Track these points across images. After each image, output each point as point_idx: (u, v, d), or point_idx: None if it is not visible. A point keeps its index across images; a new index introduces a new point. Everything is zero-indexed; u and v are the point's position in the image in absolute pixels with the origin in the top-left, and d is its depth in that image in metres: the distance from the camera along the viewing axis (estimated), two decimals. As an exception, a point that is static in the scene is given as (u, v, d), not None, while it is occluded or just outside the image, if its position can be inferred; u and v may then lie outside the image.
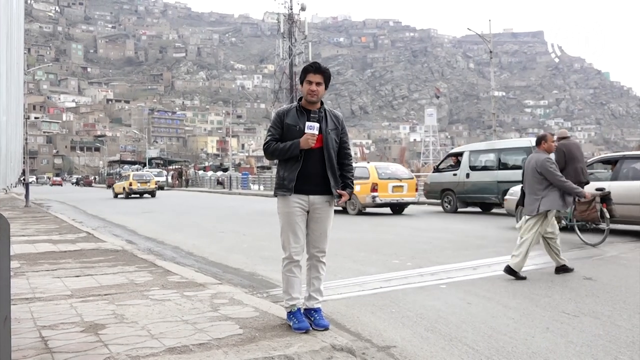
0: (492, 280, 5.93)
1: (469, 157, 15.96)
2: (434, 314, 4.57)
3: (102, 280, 5.86)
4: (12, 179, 3.03)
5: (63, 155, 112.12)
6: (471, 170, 15.71)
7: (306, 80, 3.86)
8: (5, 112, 2.32)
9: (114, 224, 14.64)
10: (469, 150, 16.50)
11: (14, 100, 2.81)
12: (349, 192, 3.96)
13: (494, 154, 15.34)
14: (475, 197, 15.71)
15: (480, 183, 15.29)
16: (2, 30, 2.17)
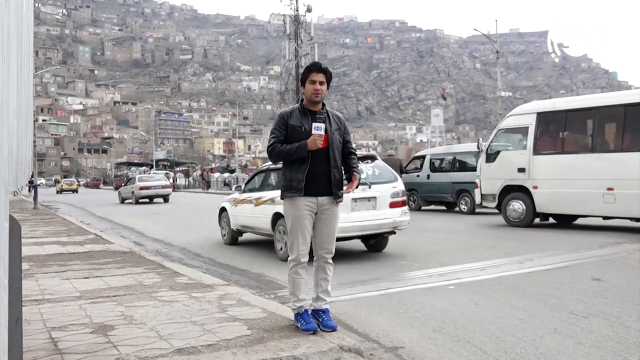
0: (500, 281, 5.91)
1: (430, 159, 17.28)
2: (441, 315, 4.57)
3: (110, 281, 5.89)
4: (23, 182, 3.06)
5: (71, 157, 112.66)
6: (431, 172, 17.02)
7: (309, 80, 3.86)
8: (16, 115, 2.34)
9: (122, 226, 14.70)
10: (430, 153, 18.08)
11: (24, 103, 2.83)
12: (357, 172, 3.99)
13: (451, 157, 16.81)
14: (434, 196, 17.12)
15: (438, 184, 16.69)
16: (13, 34, 2.19)
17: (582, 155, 10.89)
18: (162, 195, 26.99)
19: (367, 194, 7.76)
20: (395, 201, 8.09)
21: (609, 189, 10.02)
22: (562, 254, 7.73)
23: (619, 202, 9.94)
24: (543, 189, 11.20)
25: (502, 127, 12.78)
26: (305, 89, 3.90)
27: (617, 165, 10.09)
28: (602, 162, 10.47)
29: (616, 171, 10.03)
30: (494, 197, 12.26)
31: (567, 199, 10.85)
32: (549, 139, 11.68)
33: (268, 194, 8.49)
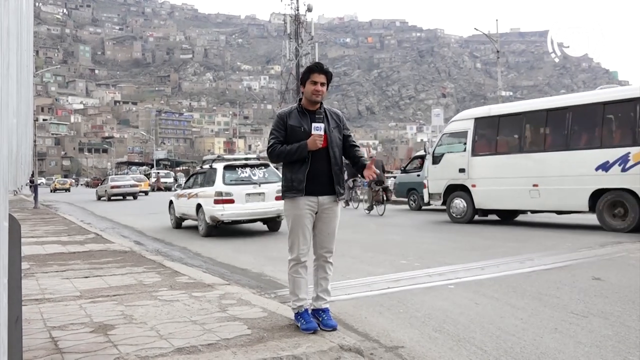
0: (500, 281, 5.91)
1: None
2: (442, 315, 4.57)
3: (110, 281, 5.89)
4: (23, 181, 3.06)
5: (71, 157, 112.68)
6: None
7: (310, 80, 3.86)
8: (16, 114, 2.34)
9: (122, 225, 14.71)
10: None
11: (24, 102, 2.83)
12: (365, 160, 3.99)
13: None
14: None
15: None
16: (13, 33, 2.19)
17: (512, 155, 12.05)
18: (131, 193, 31.01)
19: (257, 191, 11.36)
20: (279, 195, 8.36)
21: (534, 186, 11.21)
22: (563, 254, 7.73)
23: (542, 197, 11.16)
24: (480, 187, 12.31)
25: (446, 132, 14.00)
26: (305, 88, 3.90)
27: (541, 164, 11.28)
28: (528, 161, 11.66)
29: (540, 169, 11.21)
30: (439, 196, 13.42)
31: (500, 196, 12.04)
32: (485, 141, 12.80)
33: (194, 190, 12.37)
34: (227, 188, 11.30)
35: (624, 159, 9.94)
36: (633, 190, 9.84)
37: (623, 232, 9.85)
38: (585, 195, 10.48)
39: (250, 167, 11.91)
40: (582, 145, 10.92)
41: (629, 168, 9.89)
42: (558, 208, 11.50)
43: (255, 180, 11.55)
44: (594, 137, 10.86)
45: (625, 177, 9.94)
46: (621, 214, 10.09)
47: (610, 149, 10.21)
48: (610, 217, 10.25)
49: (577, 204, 10.77)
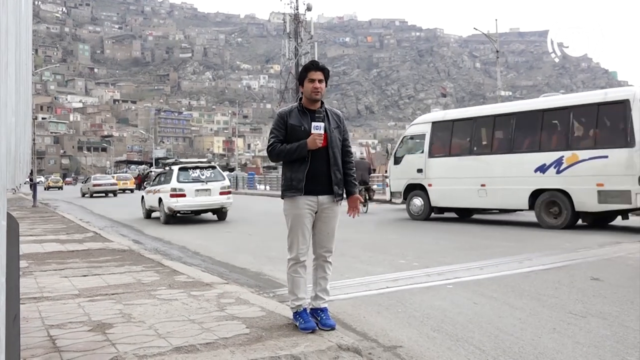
0: (498, 281, 5.91)
1: None
2: (440, 314, 4.57)
3: (109, 279, 5.89)
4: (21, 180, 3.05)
5: (70, 155, 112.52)
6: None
7: (308, 78, 3.86)
8: (15, 113, 2.34)
9: (121, 224, 14.71)
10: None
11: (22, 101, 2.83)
12: (356, 192, 4.02)
13: None
14: None
15: None
16: (11, 31, 2.19)
17: (463, 157, 13.00)
18: (110, 191, 34.61)
19: (205, 187, 14.38)
20: (223, 191, 14.64)
21: (482, 186, 12.17)
22: (561, 254, 7.74)
23: (489, 196, 12.13)
24: (435, 186, 13.22)
25: (406, 134, 14.88)
26: (304, 87, 3.90)
27: (488, 166, 12.24)
28: (477, 163, 12.59)
29: (487, 171, 12.18)
30: (400, 194, 14.31)
31: (452, 195, 13.02)
32: (440, 144, 13.65)
33: (157, 187, 15.25)
34: (180, 185, 14.18)
35: (559, 161, 10.90)
36: (566, 191, 10.75)
37: (558, 229, 10.70)
38: (525, 195, 11.39)
39: (200, 168, 14.87)
40: (523, 149, 11.79)
41: (562, 170, 10.85)
42: (502, 206, 12.55)
43: (203, 179, 14.56)
44: (534, 142, 11.70)
45: (559, 178, 10.89)
46: (556, 213, 10.96)
47: (547, 153, 11.16)
48: (547, 215, 11.13)
49: (519, 202, 11.69)
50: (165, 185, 14.61)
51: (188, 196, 14.11)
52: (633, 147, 9.88)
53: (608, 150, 10.31)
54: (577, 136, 11.15)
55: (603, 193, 10.25)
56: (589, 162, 10.51)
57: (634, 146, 9.87)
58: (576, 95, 12.96)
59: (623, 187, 9.97)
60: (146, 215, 16.37)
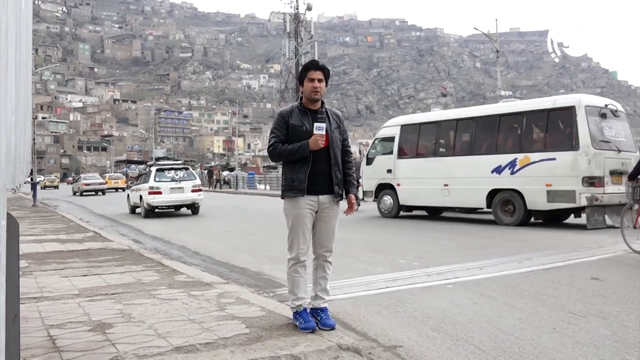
0: (498, 280, 5.91)
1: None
2: (440, 314, 4.57)
3: (109, 279, 5.89)
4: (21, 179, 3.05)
5: (70, 155, 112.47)
6: None
7: (308, 78, 3.85)
8: (15, 112, 2.33)
9: (121, 224, 14.72)
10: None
11: (22, 100, 2.82)
12: (354, 190, 4.01)
13: None
14: None
15: None
16: (11, 31, 2.18)
17: (428, 158, 13.84)
18: (99, 190, 37.28)
19: (178, 186, 16.76)
20: (194, 189, 17.09)
21: (445, 185, 12.95)
22: (561, 254, 7.73)
23: (451, 195, 12.93)
24: (404, 186, 13.93)
25: (378, 136, 15.78)
26: (304, 87, 3.89)
27: (450, 167, 13.03)
28: (441, 164, 13.40)
29: (450, 171, 12.94)
30: (372, 193, 15.06)
31: (419, 194, 13.80)
32: (408, 146, 14.40)
33: (139, 186, 17.47)
34: (156, 184, 16.52)
35: (512, 163, 11.70)
36: (519, 190, 11.53)
37: (512, 225, 11.51)
38: (483, 194, 12.18)
39: (174, 169, 17.40)
40: (482, 151, 12.60)
41: (516, 171, 11.64)
42: (464, 205, 13.32)
43: (177, 178, 17.00)
44: (491, 144, 12.56)
45: (513, 179, 11.68)
46: (511, 211, 11.77)
47: (502, 155, 11.95)
48: (502, 213, 11.94)
49: (478, 201, 12.50)
50: (145, 184, 16.84)
51: (164, 193, 16.51)
52: (577, 150, 10.70)
53: (556, 153, 11.11)
54: (529, 139, 11.84)
55: (551, 193, 11.05)
56: (539, 164, 11.28)
57: (579, 149, 10.68)
58: (529, 102, 13.69)
59: (569, 188, 10.78)
60: (131, 210, 18.23)
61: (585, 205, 10.70)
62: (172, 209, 17.50)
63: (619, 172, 10.91)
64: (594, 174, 10.67)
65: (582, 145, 10.68)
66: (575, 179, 10.71)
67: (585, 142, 10.70)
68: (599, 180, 10.75)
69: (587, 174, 10.65)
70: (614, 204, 10.81)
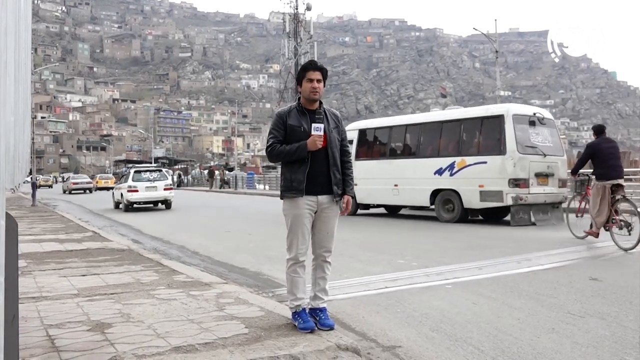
0: (497, 281, 5.92)
1: None
2: (439, 314, 4.57)
3: (108, 279, 5.89)
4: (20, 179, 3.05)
5: (69, 154, 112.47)
6: None
7: (307, 78, 3.85)
8: (13, 112, 2.33)
9: (120, 223, 14.71)
10: None
11: (21, 100, 2.82)
12: (350, 190, 4.00)
13: None
14: None
15: None
16: (10, 31, 2.18)
17: (381, 161, 14.88)
18: (86, 188, 40.93)
19: (152, 185, 19.58)
20: (166, 188, 19.99)
21: (395, 185, 13.96)
22: (560, 254, 7.74)
23: (401, 194, 14.02)
24: (361, 186, 13.86)
25: None
26: (302, 87, 3.90)
27: (400, 169, 14.04)
28: (392, 166, 14.38)
29: (399, 173, 13.93)
30: None
31: (373, 193, 14.79)
32: (364, 148, 15.33)
33: (121, 185, 20.59)
34: (134, 183, 19.50)
35: (452, 166, 12.81)
36: (457, 190, 12.63)
37: (451, 222, 12.56)
38: (427, 194, 13.28)
39: (150, 171, 20.85)
40: (426, 155, 13.72)
41: (455, 173, 12.75)
42: (411, 203, 14.61)
43: (152, 179, 20.01)
44: (434, 148, 13.70)
45: (452, 180, 12.77)
46: (451, 209, 12.85)
47: (443, 158, 13.04)
48: (443, 211, 13.00)
49: (423, 200, 13.58)
50: (125, 183, 19.97)
51: (140, 191, 19.37)
52: (505, 155, 11.78)
53: (487, 157, 12.23)
54: (466, 144, 13.07)
55: (483, 193, 12.16)
56: (474, 167, 12.41)
57: (506, 154, 11.76)
58: (466, 110, 15.22)
59: (497, 188, 11.87)
60: (115, 206, 20.94)
61: (511, 204, 11.71)
62: (149, 204, 20.20)
63: (545, 174, 12.03)
64: (519, 176, 11.67)
65: (508, 150, 11.74)
66: (503, 180, 11.75)
67: (512, 148, 11.72)
68: (524, 182, 11.75)
69: (513, 176, 11.66)
70: (539, 203, 12.03)
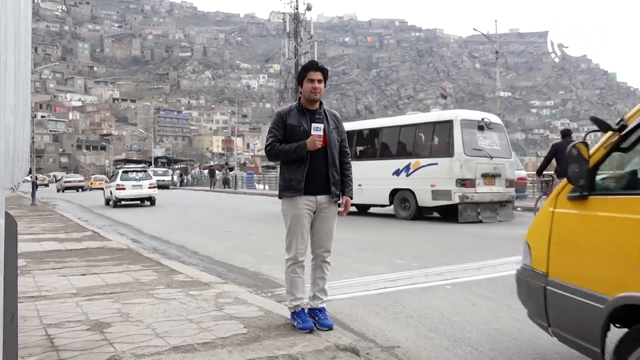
0: (496, 281, 5.92)
1: None
2: (438, 315, 4.57)
3: (107, 278, 5.89)
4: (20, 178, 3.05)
5: (69, 154, 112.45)
6: None
7: (307, 78, 3.86)
8: (13, 112, 2.34)
9: (120, 223, 14.71)
10: None
11: (21, 100, 2.83)
12: (349, 191, 4.00)
13: None
14: None
15: None
16: (10, 31, 2.19)
17: None
18: (78, 187, 44.00)
19: (138, 183, 22.07)
20: (150, 186, 22.44)
21: (359, 185, 13.85)
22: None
23: (364, 194, 14.58)
24: None
25: None
26: (303, 87, 3.90)
27: (364, 169, 14.36)
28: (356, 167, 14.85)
29: (363, 173, 14.10)
30: None
31: None
32: None
33: (110, 183, 23.02)
34: (122, 182, 21.82)
35: (407, 167, 13.82)
36: (412, 190, 13.65)
37: (407, 219, 13.59)
38: (387, 193, 14.26)
39: (136, 171, 23.35)
40: (386, 157, 14.71)
41: (410, 173, 13.75)
42: (373, 202, 15.25)
43: (137, 178, 22.47)
44: (393, 151, 14.75)
45: (408, 180, 13.77)
46: (407, 207, 13.87)
47: (401, 160, 14.04)
48: (400, 209, 14.01)
49: (383, 199, 14.45)
50: (114, 182, 22.30)
51: (127, 189, 21.74)
52: (453, 157, 12.74)
53: (438, 159, 13.22)
54: (420, 147, 14.07)
55: (435, 192, 13.16)
56: (426, 168, 13.42)
57: (454, 156, 12.72)
58: (421, 115, 16.34)
59: (446, 188, 12.85)
60: (106, 202, 23.31)
61: (458, 202, 12.66)
62: (135, 201, 22.55)
63: (491, 175, 13.02)
64: (465, 176, 12.62)
65: (456, 153, 12.71)
66: (451, 180, 12.73)
67: (459, 150, 12.69)
68: (470, 182, 12.66)
69: (460, 177, 12.63)
70: (486, 202, 13.01)
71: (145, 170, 24.44)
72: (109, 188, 22.81)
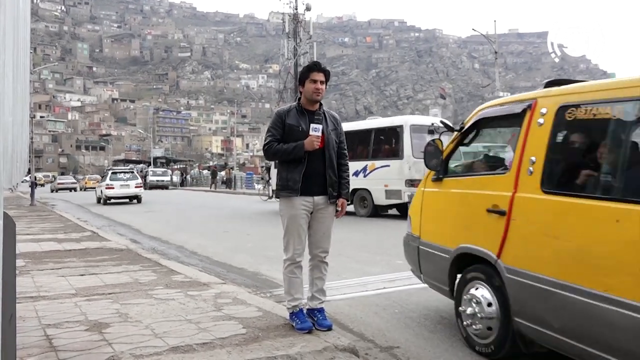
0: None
1: None
2: (437, 315, 4.57)
3: (106, 279, 5.89)
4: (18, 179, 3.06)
5: (68, 154, 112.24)
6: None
7: (310, 79, 3.87)
8: (12, 112, 2.34)
9: (119, 223, 14.70)
10: None
11: (20, 100, 2.83)
12: (345, 193, 4.00)
13: None
14: None
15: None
16: (8, 32, 2.19)
17: None
18: (71, 188, 46.32)
19: (126, 183, 24.51)
20: (137, 186, 25.02)
21: None
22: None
23: None
24: None
25: None
26: (304, 88, 3.90)
27: None
28: None
29: None
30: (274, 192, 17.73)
31: None
32: None
33: (102, 183, 25.45)
34: (111, 182, 24.12)
35: (365, 168, 14.79)
36: (369, 189, 14.64)
37: (365, 217, 14.53)
38: None
39: (124, 172, 25.91)
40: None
41: (367, 175, 14.72)
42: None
43: (125, 178, 24.77)
44: (353, 153, 14.63)
45: (365, 180, 14.70)
46: (365, 205, 14.85)
47: (359, 161, 14.67)
48: (360, 207, 14.99)
49: None
50: (104, 182, 24.72)
51: (115, 188, 24.02)
52: (403, 159, 13.77)
53: (390, 161, 14.24)
54: (375, 150, 14.93)
55: (388, 191, 14.16)
56: (380, 169, 14.41)
57: (403, 158, 13.76)
58: (377, 120, 16.93)
59: (397, 188, 13.86)
60: (97, 200, 25.39)
61: (407, 201, 13.09)
62: (123, 199, 24.62)
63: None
64: (414, 177, 13.38)
65: (405, 155, 13.72)
66: (401, 181, 13.73)
67: (408, 153, 13.66)
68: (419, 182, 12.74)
69: (409, 177, 13.54)
70: None
71: (132, 171, 27.46)
72: (100, 187, 25.36)
